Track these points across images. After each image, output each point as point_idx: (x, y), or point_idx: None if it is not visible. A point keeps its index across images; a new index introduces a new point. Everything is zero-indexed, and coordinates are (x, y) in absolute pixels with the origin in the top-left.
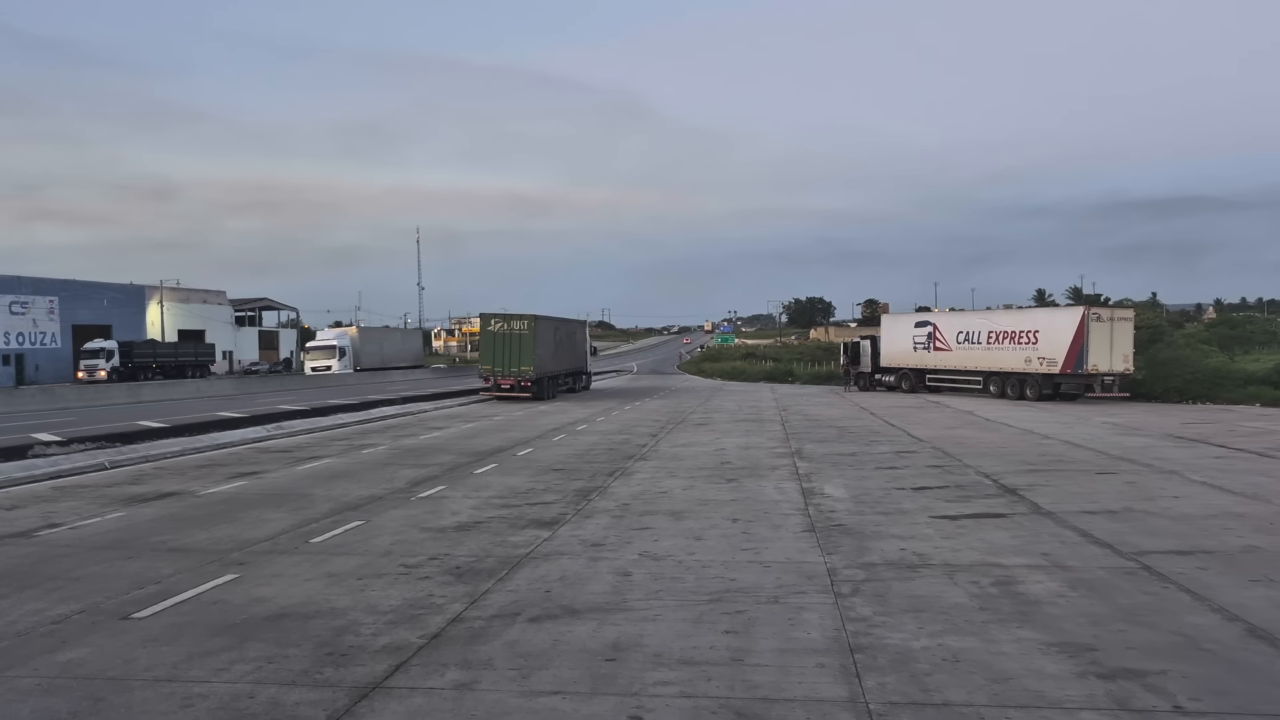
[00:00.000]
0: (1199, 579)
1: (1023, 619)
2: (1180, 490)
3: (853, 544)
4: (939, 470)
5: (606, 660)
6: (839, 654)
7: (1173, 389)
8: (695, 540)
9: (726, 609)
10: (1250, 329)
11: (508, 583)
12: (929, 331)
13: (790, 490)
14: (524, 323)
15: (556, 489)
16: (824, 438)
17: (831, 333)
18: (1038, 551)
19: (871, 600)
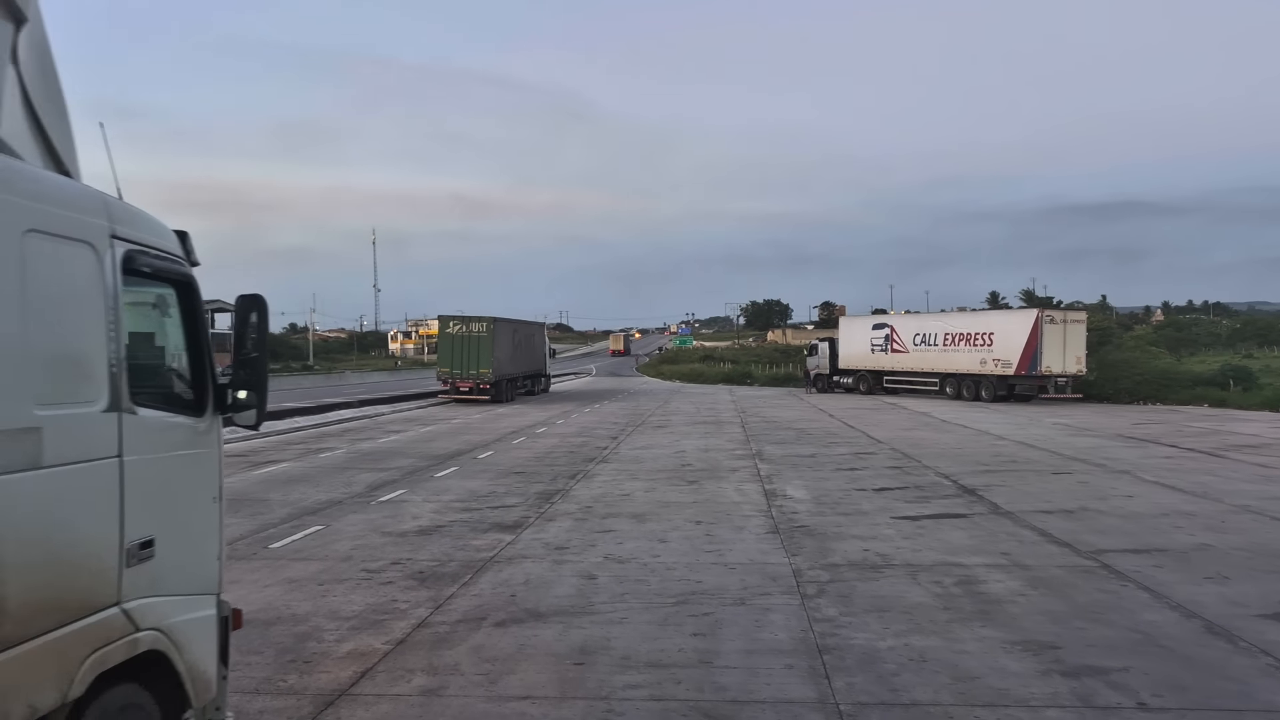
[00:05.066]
0: (1155, 577)
1: (985, 618)
2: (1132, 490)
3: (815, 545)
4: (898, 471)
5: (574, 664)
6: (806, 655)
7: (1123, 390)
8: (659, 542)
9: (692, 611)
10: (1196, 331)
11: (472, 587)
12: (886, 334)
13: (751, 492)
14: (482, 325)
15: (518, 492)
16: (783, 439)
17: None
18: (997, 551)
19: (836, 601)
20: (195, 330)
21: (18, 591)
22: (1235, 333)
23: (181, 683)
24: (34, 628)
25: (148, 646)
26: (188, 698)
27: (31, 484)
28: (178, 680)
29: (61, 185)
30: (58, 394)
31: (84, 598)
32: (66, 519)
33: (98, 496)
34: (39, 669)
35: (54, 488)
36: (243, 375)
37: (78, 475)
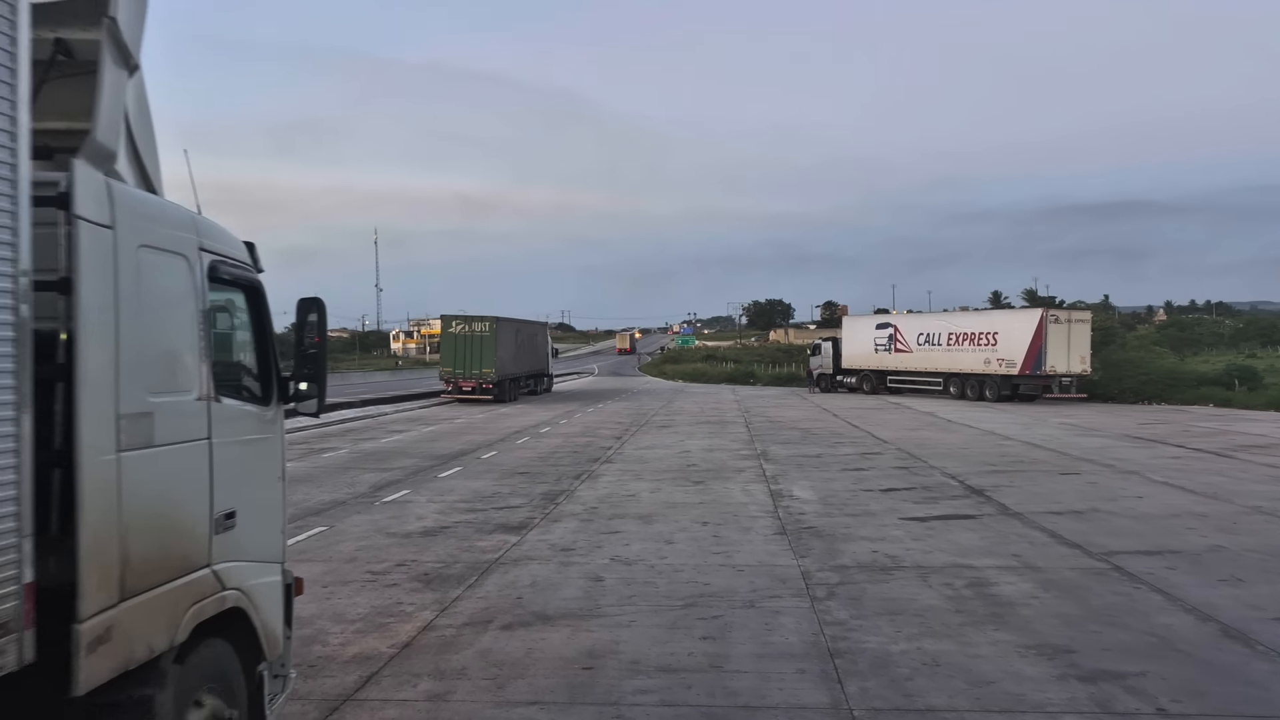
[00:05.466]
0: (1168, 579)
1: (998, 621)
2: (1142, 490)
3: (824, 546)
4: (904, 472)
5: (583, 668)
6: (819, 659)
7: (1127, 390)
8: (665, 544)
9: (702, 614)
10: (1199, 331)
11: (478, 589)
12: (890, 333)
13: (757, 492)
14: (485, 325)
15: (522, 493)
16: (788, 439)
17: (791, 334)
18: (1008, 553)
19: (847, 603)
20: (262, 329)
21: (138, 549)
22: (1238, 332)
23: (258, 638)
24: (150, 581)
25: (232, 604)
26: (262, 651)
27: (147, 460)
28: (254, 636)
29: (163, 206)
30: (164, 384)
31: (185, 558)
32: (171, 490)
33: (193, 472)
34: (154, 616)
35: (162, 463)
36: (304, 369)
37: (178, 454)
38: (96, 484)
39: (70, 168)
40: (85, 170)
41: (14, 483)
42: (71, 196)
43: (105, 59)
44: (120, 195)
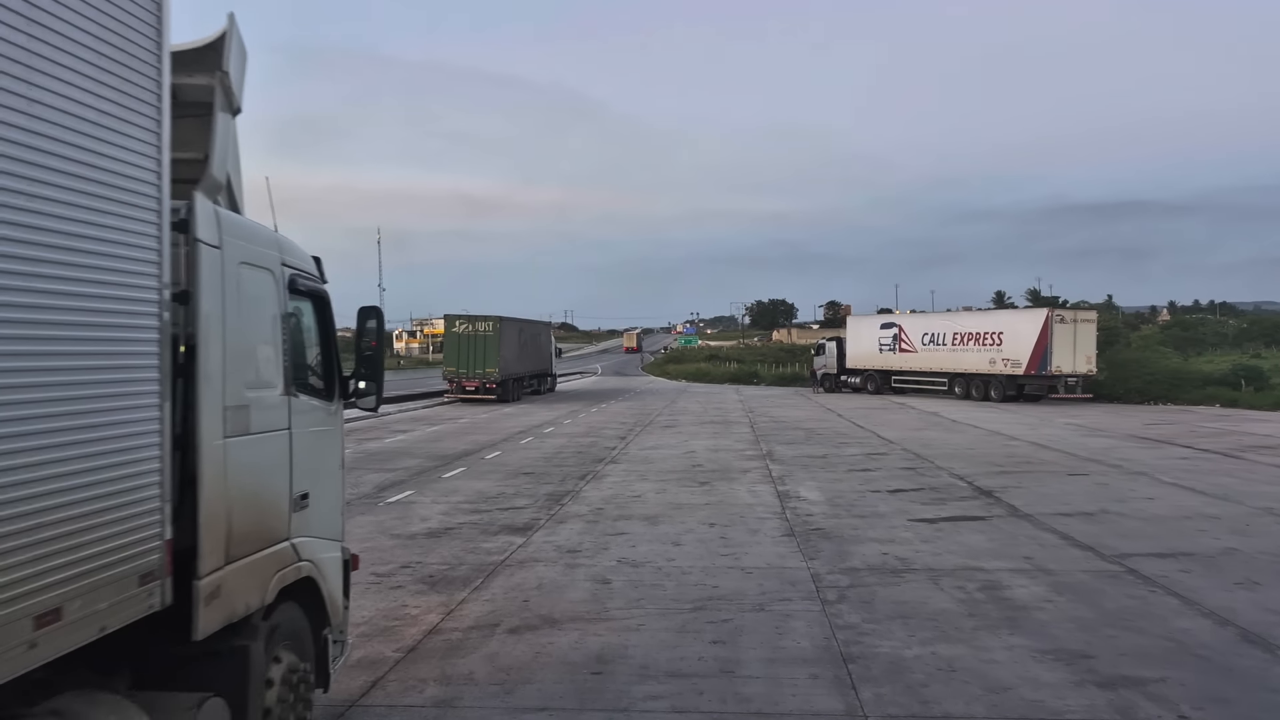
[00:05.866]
0: (1183, 582)
1: (1012, 625)
2: (1151, 492)
3: (833, 548)
4: (911, 472)
5: (592, 673)
6: (831, 664)
7: (1133, 390)
8: (673, 545)
9: (711, 617)
10: (1203, 331)
11: (483, 591)
12: (894, 333)
13: (764, 493)
14: (489, 324)
15: (527, 493)
16: (793, 440)
17: (794, 334)
18: (1019, 555)
19: (858, 607)
20: (327, 333)
21: (239, 521)
22: (1242, 332)
23: (324, 605)
24: (247, 548)
25: (305, 574)
26: (327, 617)
27: (245, 445)
28: (321, 603)
29: (256, 228)
30: (256, 381)
31: (271, 532)
32: (262, 472)
33: (277, 457)
34: (250, 579)
35: (256, 449)
36: (363, 369)
37: (267, 441)
38: (211, 464)
39: (190, 198)
40: (202, 200)
41: (158, 458)
42: (192, 222)
43: (218, 104)
44: (225, 220)
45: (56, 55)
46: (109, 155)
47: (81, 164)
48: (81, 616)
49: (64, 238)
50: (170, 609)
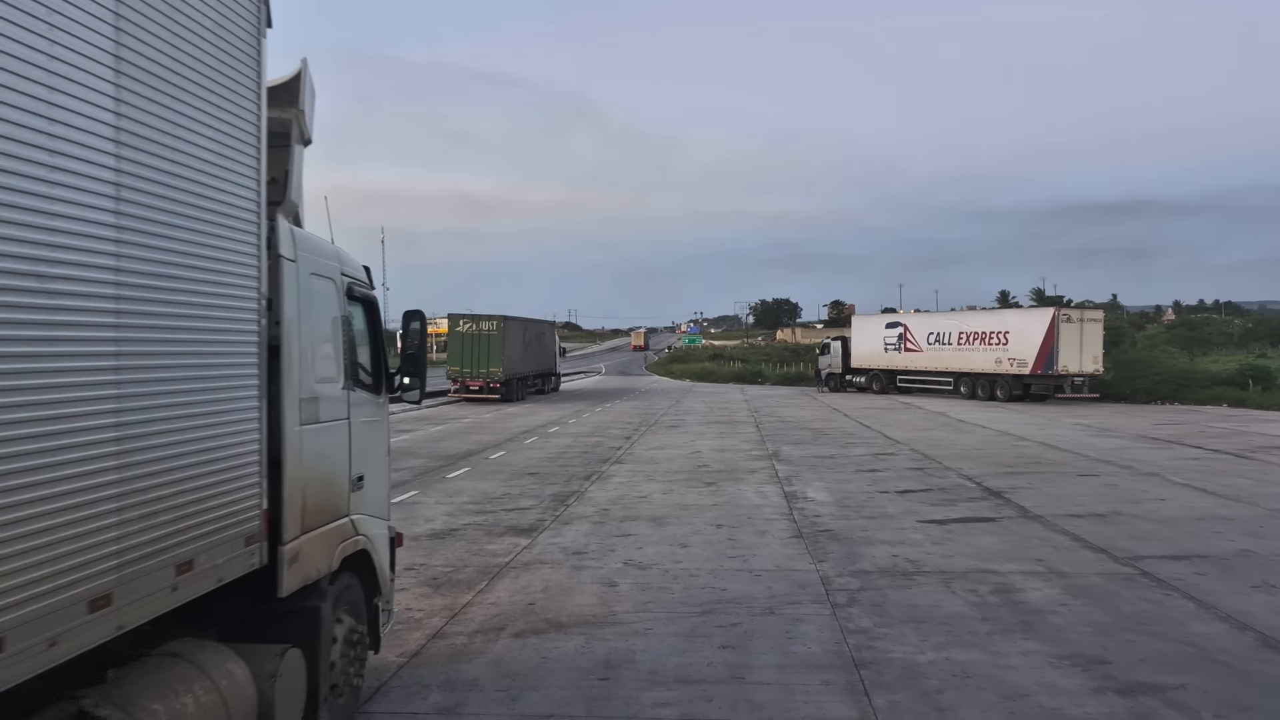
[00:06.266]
0: (1199, 585)
1: (1027, 629)
2: (1163, 493)
3: (842, 550)
4: (919, 473)
5: (599, 679)
6: (843, 670)
7: (1140, 390)
8: (680, 547)
9: (720, 621)
10: (1208, 330)
11: (488, 594)
12: (900, 332)
13: (771, 494)
14: (493, 323)
15: (532, 494)
16: (799, 440)
17: (798, 334)
18: (1031, 557)
19: (869, 610)
20: (376, 334)
21: (312, 497)
22: (1248, 332)
23: (376, 576)
24: (317, 521)
25: (361, 546)
26: (378, 587)
27: (316, 432)
28: (374, 574)
29: (321, 243)
30: (323, 376)
31: (335, 508)
32: (329, 456)
33: (340, 443)
34: (320, 548)
35: (324, 436)
36: (407, 366)
37: (332, 429)
38: (291, 448)
39: (274, 218)
40: (283, 221)
41: (258, 441)
42: (276, 240)
43: (294, 137)
44: (299, 236)
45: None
46: (225, 189)
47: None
48: (207, 568)
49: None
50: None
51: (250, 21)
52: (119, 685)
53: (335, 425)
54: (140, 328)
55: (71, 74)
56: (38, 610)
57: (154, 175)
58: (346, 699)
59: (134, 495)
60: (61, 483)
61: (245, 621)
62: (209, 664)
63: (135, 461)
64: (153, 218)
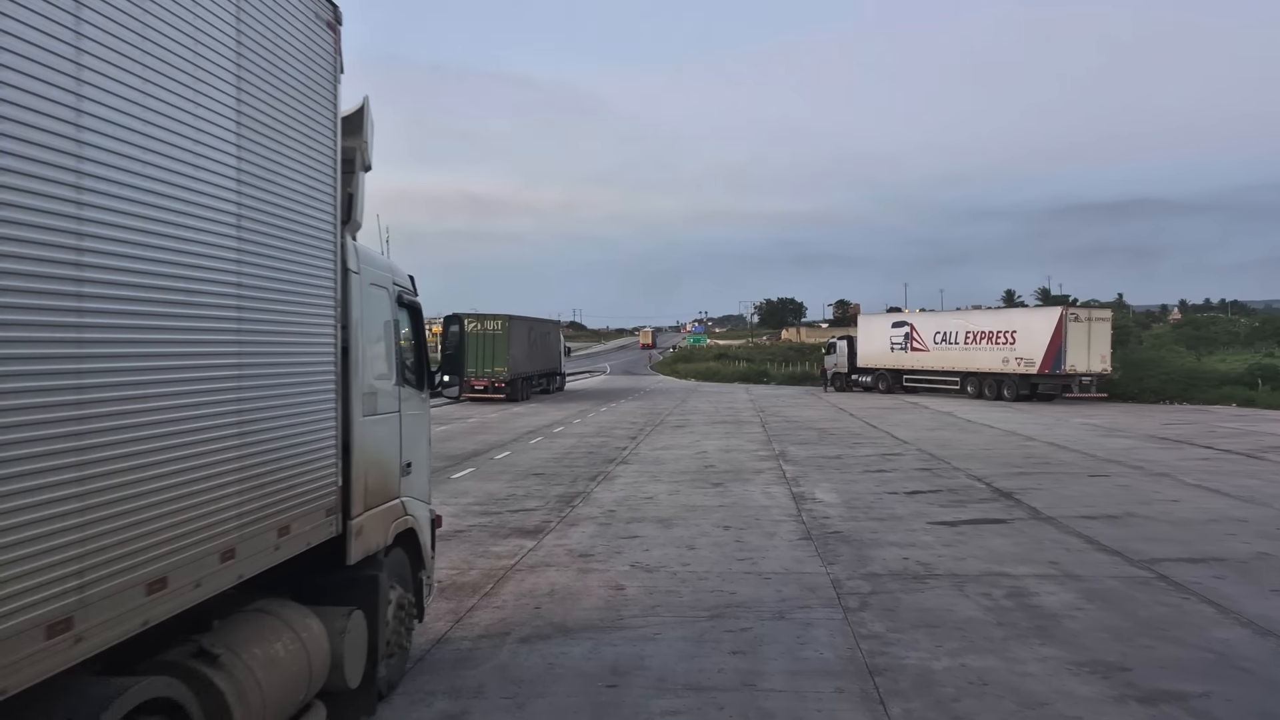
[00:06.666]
0: (1217, 589)
1: (1043, 635)
2: (1175, 493)
3: (852, 553)
4: (928, 474)
5: (607, 686)
6: (857, 677)
7: (1148, 390)
8: (687, 549)
9: (729, 626)
10: (1214, 329)
11: (494, 598)
12: (906, 332)
13: (779, 495)
14: (498, 323)
15: (537, 495)
16: (806, 440)
17: (803, 333)
18: (1044, 560)
19: (881, 615)
20: (420, 337)
21: (372, 479)
22: (1254, 331)
23: (421, 552)
24: (376, 501)
25: (410, 525)
26: (422, 562)
27: (374, 423)
28: (419, 550)
29: (377, 256)
30: (380, 373)
31: (389, 490)
32: (384, 444)
33: (393, 433)
34: (378, 524)
35: (380, 426)
36: (447, 365)
37: (386, 420)
38: (357, 436)
39: (343, 236)
40: (349, 239)
41: (334, 429)
42: (345, 256)
43: (358, 164)
44: (361, 251)
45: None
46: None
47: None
48: (299, 533)
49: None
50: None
51: (329, 70)
52: (224, 633)
53: (389, 417)
54: (255, 333)
55: (209, 129)
56: (189, 558)
57: (264, 207)
58: (398, 659)
59: (250, 470)
60: (198, 458)
61: (315, 588)
62: (292, 619)
63: (251, 442)
64: (263, 242)
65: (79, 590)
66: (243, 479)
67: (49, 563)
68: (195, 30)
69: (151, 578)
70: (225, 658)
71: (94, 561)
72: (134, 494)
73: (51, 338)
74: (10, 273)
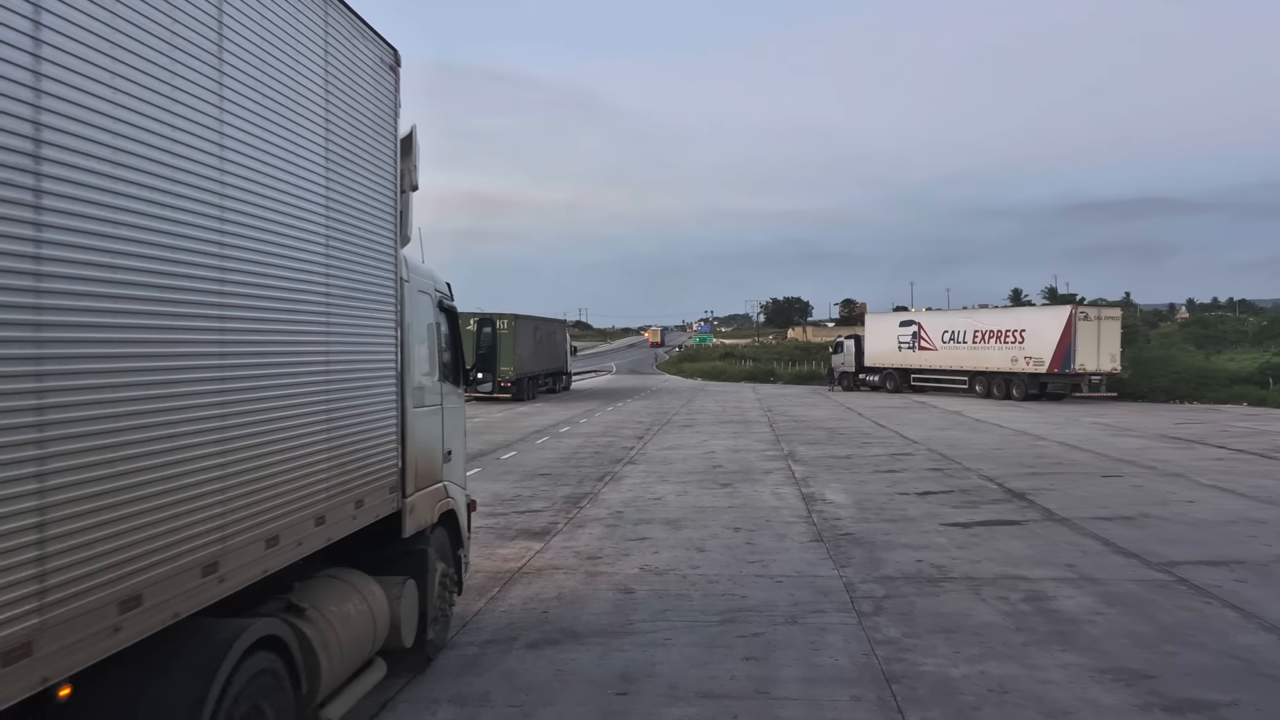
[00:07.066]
0: (1239, 593)
1: (1063, 641)
2: (1191, 494)
3: (864, 555)
4: (939, 474)
5: (617, 694)
6: (873, 684)
7: (1158, 389)
8: (697, 552)
9: (741, 631)
10: (1223, 328)
11: (500, 602)
12: (914, 331)
13: (789, 496)
14: (504, 322)
15: (544, 495)
16: (814, 440)
17: (809, 332)
18: (1061, 562)
19: (897, 620)
20: (456, 337)
21: (421, 464)
22: (1263, 330)
23: (460, 532)
24: (424, 483)
25: (450, 507)
26: (460, 541)
27: (422, 414)
28: (458, 530)
29: (421, 265)
30: (425, 370)
31: (434, 474)
32: (429, 433)
33: (436, 424)
34: (426, 504)
35: (426, 417)
36: (480, 364)
37: (431, 412)
38: (410, 425)
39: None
40: (400, 251)
41: (396, 418)
42: (399, 267)
43: (407, 185)
44: (410, 262)
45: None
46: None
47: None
48: (370, 505)
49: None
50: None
51: (391, 107)
52: (306, 592)
53: (433, 410)
54: (339, 335)
55: (307, 165)
56: (294, 521)
57: (344, 227)
58: (441, 626)
59: (336, 449)
60: (300, 440)
61: (373, 559)
62: (358, 584)
63: (337, 427)
64: (344, 256)
65: (222, 541)
66: (330, 458)
67: (202, 518)
68: (297, 84)
69: (269, 535)
70: (310, 612)
71: (232, 519)
72: (257, 468)
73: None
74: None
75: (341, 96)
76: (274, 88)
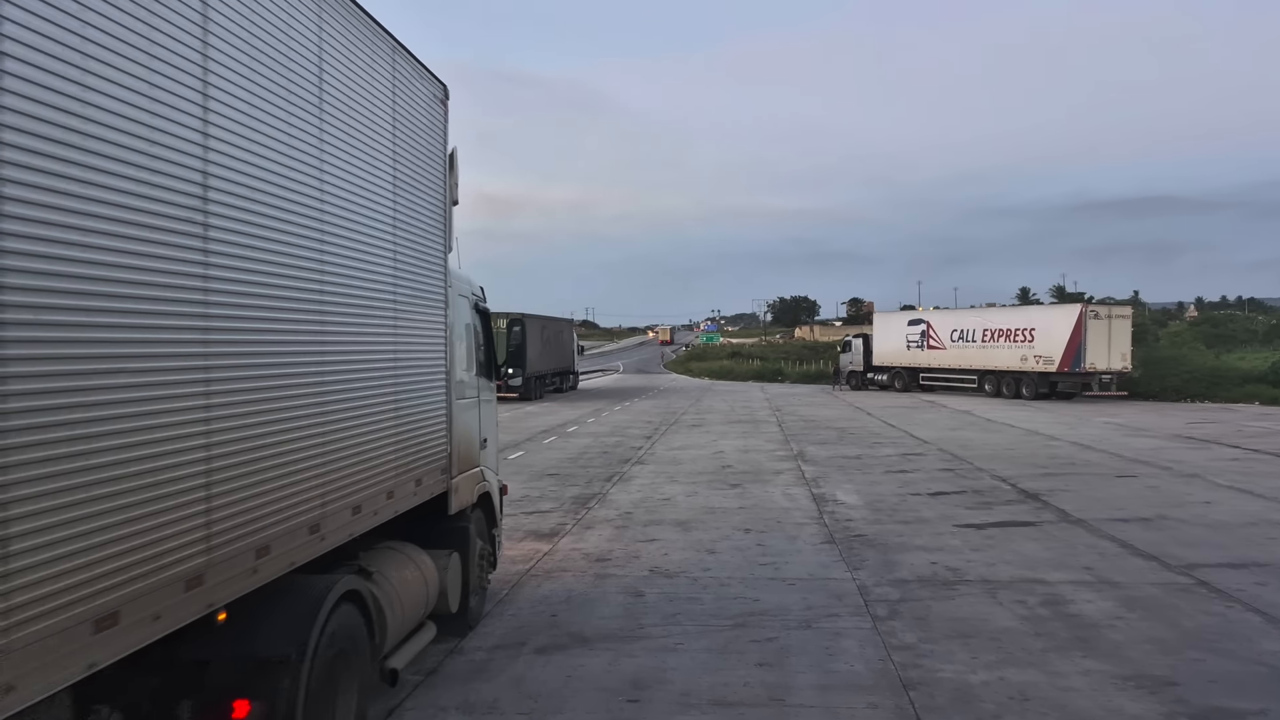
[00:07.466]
0: (1262, 597)
1: (1085, 646)
2: (1208, 495)
3: (878, 557)
4: (951, 474)
5: (628, 701)
6: (890, 691)
7: (1170, 388)
8: (708, 554)
9: (754, 636)
10: (1232, 327)
11: (508, 605)
12: (922, 330)
13: (800, 496)
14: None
15: (552, 496)
16: (824, 439)
17: (817, 331)
18: (1079, 565)
19: (913, 624)
20: (489, 336)
21: (462, 449)
22: (1272, 329)
23: (495, 513)
24: (464, 467)
25: (486, 490)
26: (495, 521)
27: (463, 406)
28: (493, 511)
29: (458, 271)
30: (466, 366)
31: (473, 460)
32: (469, 422)
33: (474, 414)
34: (467, 486)
35: (467, 409)
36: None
37: (469, 404)
38: (454, 415)
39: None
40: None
41: (444, 409)
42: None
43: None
44: (452, 269)
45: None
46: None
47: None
48: (427, 484)
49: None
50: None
51: (442, 135)
52: (371, 559)
53: (471, 401)
54: (404, 335)
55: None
56: (371, 494)
57: (407, 241)
58: (479, 597)
59: (402, 434)
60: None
61: (422, 535)
62: (413, 555)
63: (401, 416)
64: (407, 266)
65: (322, 507)
66: (397, 442)
67: (307, 489)
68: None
69: (353, 505)
70: (377, 576)
71: (330, 488)
72: (347, 449)
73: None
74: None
75: (406, 130)
76: (359, 126)
